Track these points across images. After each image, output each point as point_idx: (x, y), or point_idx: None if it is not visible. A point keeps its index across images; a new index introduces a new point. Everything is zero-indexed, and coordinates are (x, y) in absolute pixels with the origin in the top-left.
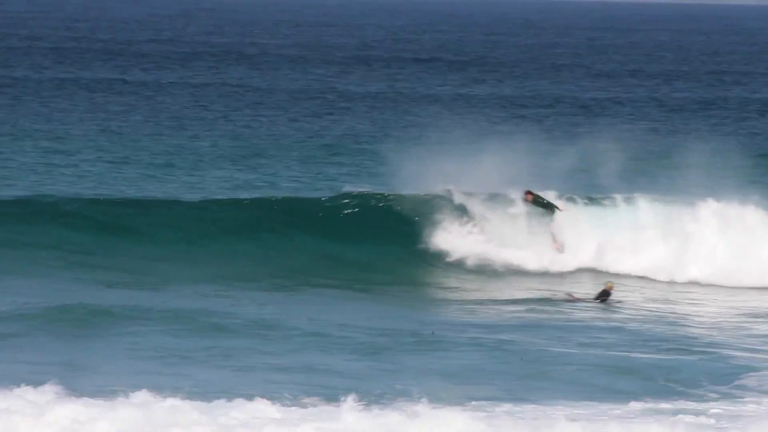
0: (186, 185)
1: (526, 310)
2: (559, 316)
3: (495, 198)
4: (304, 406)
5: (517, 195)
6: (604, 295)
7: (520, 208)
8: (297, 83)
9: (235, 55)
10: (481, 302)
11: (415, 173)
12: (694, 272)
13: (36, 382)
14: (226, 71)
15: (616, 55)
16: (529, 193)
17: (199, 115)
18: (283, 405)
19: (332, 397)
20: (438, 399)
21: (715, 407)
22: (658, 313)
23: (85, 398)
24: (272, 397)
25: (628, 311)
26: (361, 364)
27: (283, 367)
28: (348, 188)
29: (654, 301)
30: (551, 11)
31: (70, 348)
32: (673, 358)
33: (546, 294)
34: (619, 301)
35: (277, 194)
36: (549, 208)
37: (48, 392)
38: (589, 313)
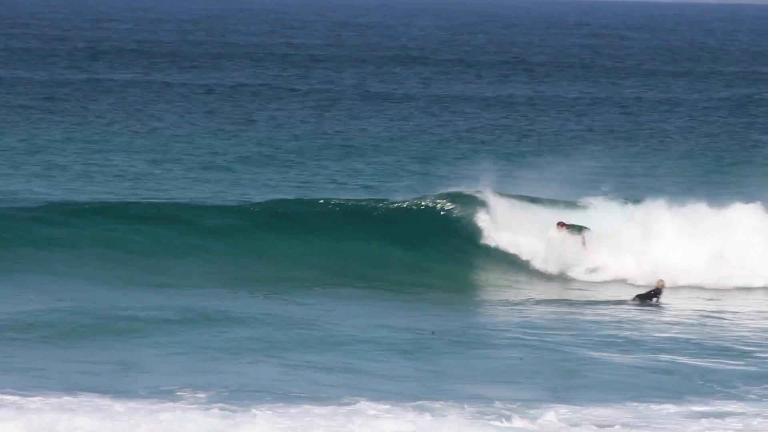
0: (227, 186)
1: (570, 312)
2: (602, 318)
3: (539, 200)
4: (346, 405)
5: (562, 210)
6: (655, 294)
7: (564, 209)
8: (332, 83)
9: (273, 56)
10: (524, 303)
11: (458, 174)
12: (741, 276)
13: (94, 385)
14: (264, 71)
15: (660, 56)
16: (560, 224)
17: (237, 115)
18: (327, 404)
19: (375, 397)
20: (480, 399)
21: (750, 409)
22: (701, 315)
23: (138, 399)
24: (316, 397)
25: (672, 313)
26: (403, 364)
27: (327, 366)
28: (393, 193)
29: (699, 302)
30: (591, 13)
31: (120, 348)
32: (713, 360)
33: (590, 295)
34: (664, 304)
35: (319, 195)
36: (582, 232)
37: (105, 396)
38: (632, 314)
